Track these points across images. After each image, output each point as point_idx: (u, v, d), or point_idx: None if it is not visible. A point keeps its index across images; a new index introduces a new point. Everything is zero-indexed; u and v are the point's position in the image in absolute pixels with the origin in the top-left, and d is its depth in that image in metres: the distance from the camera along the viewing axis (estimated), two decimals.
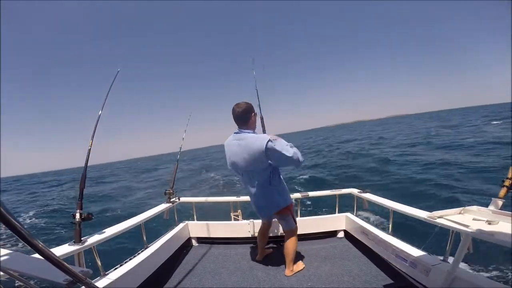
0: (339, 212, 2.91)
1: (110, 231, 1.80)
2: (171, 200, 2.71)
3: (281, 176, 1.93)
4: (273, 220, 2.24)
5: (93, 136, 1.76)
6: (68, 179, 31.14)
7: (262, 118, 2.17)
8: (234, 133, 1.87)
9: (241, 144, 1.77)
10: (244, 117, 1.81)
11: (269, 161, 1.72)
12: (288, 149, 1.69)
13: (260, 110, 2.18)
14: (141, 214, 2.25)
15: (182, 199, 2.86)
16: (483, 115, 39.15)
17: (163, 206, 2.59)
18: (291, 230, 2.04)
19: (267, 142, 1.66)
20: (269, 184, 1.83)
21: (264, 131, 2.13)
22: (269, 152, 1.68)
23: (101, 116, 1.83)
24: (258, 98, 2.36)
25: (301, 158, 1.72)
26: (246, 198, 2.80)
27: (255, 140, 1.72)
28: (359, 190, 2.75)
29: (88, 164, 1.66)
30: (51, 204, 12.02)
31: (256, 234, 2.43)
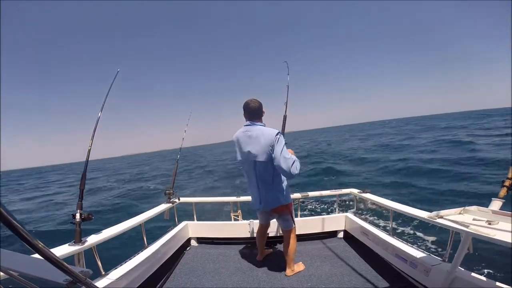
0: (339, 212, 2.92)
1: (110, 231, 1.80)
2: (171, 200, 2.72)
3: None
4: (273, 220, 2.24)
5: (93, 137, 1.76)
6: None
7: (285, 117, 2.38)
8: (245, 125, 1.96)
9: (254, 134, 1.87)
10: (259, 113, 1.96)
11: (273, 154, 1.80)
12: (288, 153, 1.79)
13: (286, 108, 2.43)
14: (141, 214, 2.25)
15: (182, 199, 2.87)
16: None
17: (163, 206, 2.59)
18: (290, 230, 2.04)
19: (277, 133, 1.81)
20: (272, 179, 1.90)
21: (283, 131, 2.25)
22: (275, 143, 1.78)
23: (100, 117, 1.83)
24: (287, 97, 2.52)
25: (293, 170, 1.72)
26: (246, 198, 2.80)
27: (267, 130, 1.86)
28: (359, 190, 2.75)
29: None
30: None
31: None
